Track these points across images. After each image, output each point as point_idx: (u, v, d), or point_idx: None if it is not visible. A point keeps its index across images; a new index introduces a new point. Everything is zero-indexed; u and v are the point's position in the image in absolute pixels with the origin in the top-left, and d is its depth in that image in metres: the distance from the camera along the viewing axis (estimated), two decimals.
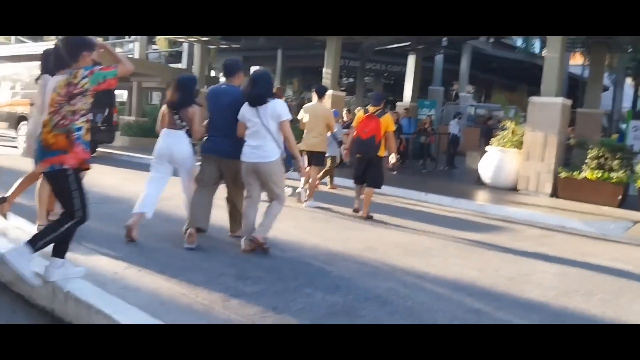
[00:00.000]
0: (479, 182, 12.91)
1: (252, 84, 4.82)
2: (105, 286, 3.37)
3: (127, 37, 29.49)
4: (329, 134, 8.55)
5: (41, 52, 5.07)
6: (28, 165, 4.81)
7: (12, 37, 27.77)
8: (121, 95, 23.93)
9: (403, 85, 19.76)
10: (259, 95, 4.77)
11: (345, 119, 13.17)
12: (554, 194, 11.22)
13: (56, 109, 3.45)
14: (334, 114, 9.41)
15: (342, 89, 21.77)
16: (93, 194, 7.05)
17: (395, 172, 12.25)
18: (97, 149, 13.73)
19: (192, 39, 19.31)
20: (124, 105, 21.75)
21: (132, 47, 28.71)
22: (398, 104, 19.37)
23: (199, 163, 5.19)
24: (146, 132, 17.72)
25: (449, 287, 4.33)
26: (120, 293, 3.30)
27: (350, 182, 8.79)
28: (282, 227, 6.01)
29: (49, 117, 3.47)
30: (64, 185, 3.46)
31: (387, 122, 7.16)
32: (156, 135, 5.36)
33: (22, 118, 12.80)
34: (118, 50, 29.90)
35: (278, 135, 4.87)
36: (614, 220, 8.62)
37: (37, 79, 4.98)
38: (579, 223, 8.37)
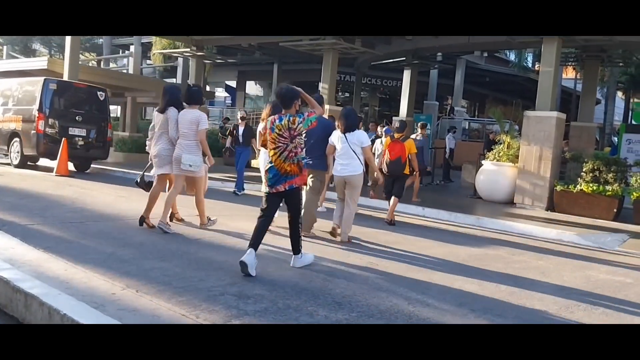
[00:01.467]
0: (475, 196, 12.89)
1: (345, 118, 6.57)
2: (103, 307, 3.28)
3: (121, 52, 29.55)
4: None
5: (164, 88, 6.51)
6: (22, 182, 4.73)
7: (4, 53, 27.76)
8: (115, 110, 23.87)
9: (398, 99, 19.80)
10: (349, 126, 6.53)
11: None
12: (550, 207, 11.21)
13: (282, 146, 4.82)
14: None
15: (339, 103, 21.80)
16: (88, 212, 7.00)
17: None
18: (91, 165, 13.65)
19: (188, 53, 19.30)
20: (118, 121, 21.67)
21: (125, 62, 28.71)
22: (394, 118, 19.40)
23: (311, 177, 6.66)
24: (140, 148, 17.62)
25: (452, 303, 4.27)
26: (118, 315, 3.21)
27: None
28: (280, 244, 5.95)
29: (275, 152, 4.84)
30: (297, 197, 5.02)
31: (410, 145, 8.71)
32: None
33: (15, 134, 12.69)
34: (112, 65, 29.91)
35: (361, 155, 6.58)
36: (610, 233, 8.61)
37: (161, 110, 6.35)
38: (576, 236, 8.35)
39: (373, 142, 10.63)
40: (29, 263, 4.20)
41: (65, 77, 14.87)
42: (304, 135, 4.92)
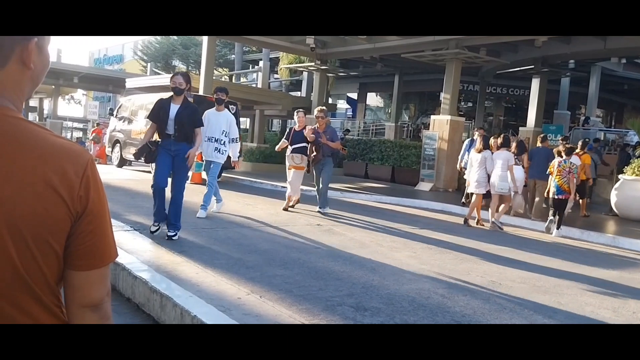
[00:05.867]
0: (610, 213, 11.92)
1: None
2: (229, 311, 3.49)
3: (251, 67, 31.16)
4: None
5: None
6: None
7: (148, 69, 30.47)
8: (244, 122, 25.21)
9: (526, 109, 18.87)
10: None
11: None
12: None
13: (561, 174, 8.80)
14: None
15: (461, 113, 21.25)
16: (218, 218, 7.46)
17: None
18: (222, 174, 14.52)
19: (312, 67, 19.91)
20: (247, 133, 22.86)
21: (255, 77, 30.21)
22: (521, 129, 18.51)
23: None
24: (267, 158, 18.46)
25: None
26: (242, 319, 3.40)
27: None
28: (398, 256, 5.92)
29: (559, 177, 8.87)
30: (565, 206, 8.93)
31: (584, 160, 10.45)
32: (277, 161, 6.06)
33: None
34: (243, 80, 31.65)
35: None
36: None
37: (479, 150, 9.22)
38: None
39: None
40: (165, 265, 4.57)
41: (201, 92, 16.01)
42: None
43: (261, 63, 27.62)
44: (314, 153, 8.69)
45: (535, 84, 18.13)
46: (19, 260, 0.94)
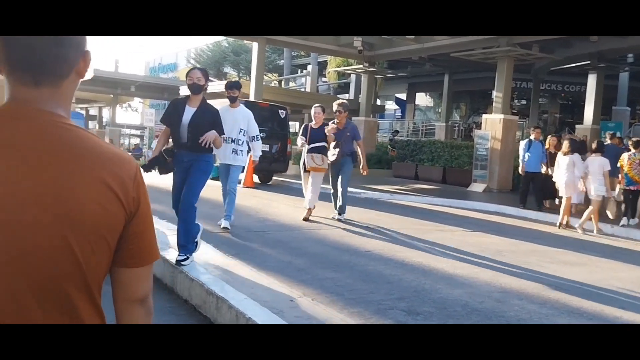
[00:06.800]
0: None
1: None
2: (282, 314, 3.56)
3: (299, 71, 31.44)
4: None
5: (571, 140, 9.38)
6: (213, 193, 5.28)
7: None
8: (293, 126, 25.47)
9: (582, 105, 18.25)
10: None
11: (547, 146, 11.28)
12: None
13: (632, 166, 9.15)
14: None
15: (514, 111, 20.76)
16: (270, 221, 7.58)
17: None
18: (273, 178, 14.72)
19: (360, 70, 19.92)
20: (297, 136, 23.08)
21: (303, 81, 30.48)
22: (577, 126, 17.93)
23: None
24: None
25: None
26: (295, 321, 3.45)
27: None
28: (450, 260, 5.86)
29: (629, 169, 9.14)
30: (638, 197, 9.29)
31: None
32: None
33: None
34: (291, 84, 31.98)
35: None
36: None
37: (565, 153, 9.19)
38: None
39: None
40: (220, 268, 4.69)
41: (251, 98, 16.29)
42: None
43: (309, 67, 27.86)
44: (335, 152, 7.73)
45: (591, 79, 17.51)
46: (80, 254, 1.02)
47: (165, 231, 5.72)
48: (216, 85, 22.10)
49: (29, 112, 1.03)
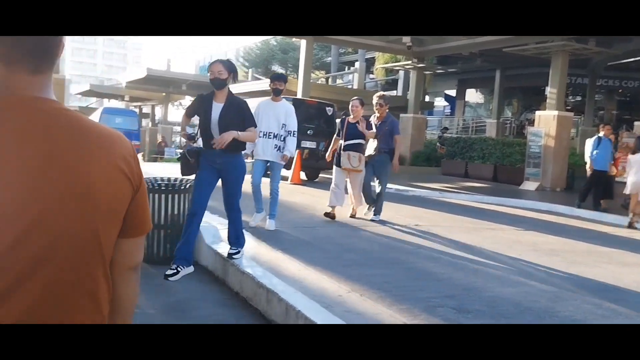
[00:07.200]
0: None
1: None
2: (331, 308, 3.58)
3: (347, 68, 31.40)
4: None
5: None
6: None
7: (249, 75, 31.63)
8: (339, 123, 25.42)
9: None
10: None
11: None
12: None
13: None
14: None
15: (569, 108, 20.10)
16: (317, 218, 7.60)
17: None
18: (319, 175, 14.78)
19: (409, 66, 19.72)
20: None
21: (351, 78, 30.44)
22: (636, 123, 17.19)
23: None
24: None
25: None
26: (344, 315, 3.47)
27: None
28: (501, 258, 5.75)
29: None
30: None
31: None
32: None
33: None
34: (339, 82, 31.97)
35: None
36: None
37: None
38: None
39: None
40: (269, 262, 4.76)
41: (299, 95, 16.40)
42: None
43: (357, 64, 27.77)
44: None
45: None
46: (102, 233, 1.09)
47: (217, 225, 5.83)
48: (263, 84, 22.40)
49: (32, 101, 1.05)
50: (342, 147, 7.31)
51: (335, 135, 7.75)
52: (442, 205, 10.30)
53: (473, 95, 30.80)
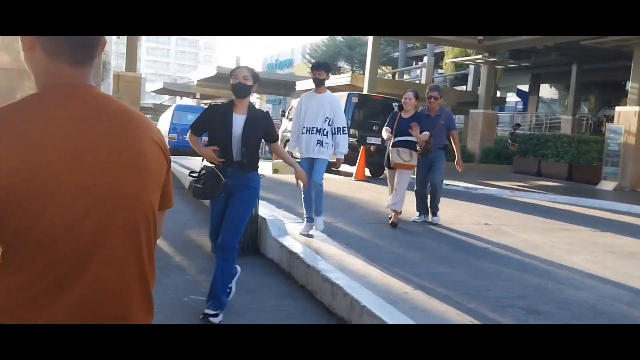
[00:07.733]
0: None
1: None
2: (396, 304, 3.56)
3: (414, 63, 30.96)
4: None
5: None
6: (326, 185, 5.37)
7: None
8: (389, 117, 25.13)
9: None
10: None
11: None
12: None
13: None
14: None
15: None
16: (382, 214, 7.56)
17: None
18: (384, 171, 14.69)
19: (480, 60, 19.22)
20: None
21: (418, 73, 29.99)
22: None
23: None
24: None
25: None
26: (409, 312, 3.44)
27: None
28: (575, 260, 5.52)
29: None
30: None
31: None
32: (448, 158, 6.47)
33: None
34: (406, 77, 31.60)
35: None
36: None
37: None
38: None
39: None
40: (334, 257, 4.79)
41: (365, 91, 16.35)
42: None
43: (425, 59, 27.33)
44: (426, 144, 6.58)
45: None
46: (154, 206, 1.21)
47: (283, 219, 5.93)
48: (330, 80, 22.47)
49: (79, 89, 1.16)
50: (392, 144, 6.57)
51: (385, 126, 6.85)
52: (513, 205, 9.98)
53: (547, 91, 29.60)
